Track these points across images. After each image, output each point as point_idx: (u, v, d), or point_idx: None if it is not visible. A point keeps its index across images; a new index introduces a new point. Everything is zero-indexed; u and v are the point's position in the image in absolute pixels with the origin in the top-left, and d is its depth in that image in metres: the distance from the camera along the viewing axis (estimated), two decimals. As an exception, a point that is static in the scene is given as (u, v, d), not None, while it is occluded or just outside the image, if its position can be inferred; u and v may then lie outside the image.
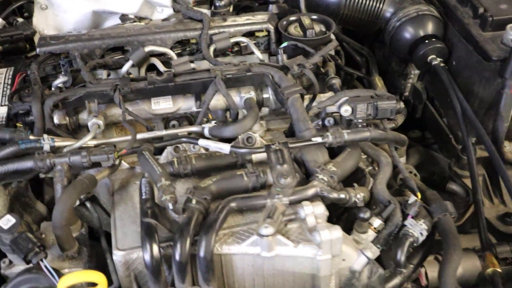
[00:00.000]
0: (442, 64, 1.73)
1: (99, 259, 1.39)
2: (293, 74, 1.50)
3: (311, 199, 1.27)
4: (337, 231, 1.16)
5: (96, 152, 1.31)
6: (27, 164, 1.30)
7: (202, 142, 1.36)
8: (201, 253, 1.15)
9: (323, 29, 1.66)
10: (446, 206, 1.34)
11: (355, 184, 1.37)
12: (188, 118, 1.57)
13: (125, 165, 1.43)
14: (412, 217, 1.31)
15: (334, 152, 1.40)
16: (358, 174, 1.46)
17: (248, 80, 1.49)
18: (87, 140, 1.39)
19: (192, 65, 1.53)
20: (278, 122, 1.65)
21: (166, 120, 1.56)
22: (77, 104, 1.45)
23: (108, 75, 1.58)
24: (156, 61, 1.55)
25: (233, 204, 1.23)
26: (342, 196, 1.30)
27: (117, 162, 1.33)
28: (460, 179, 1.81)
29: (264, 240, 1.17)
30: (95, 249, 1.39)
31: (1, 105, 1.58)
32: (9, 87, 1.62)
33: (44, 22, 1.79)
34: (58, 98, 1.41)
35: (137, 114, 1.46)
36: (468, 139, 1.59)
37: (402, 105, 1.44)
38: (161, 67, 1.53)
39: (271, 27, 1.68)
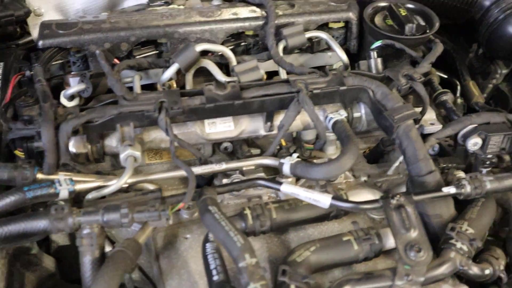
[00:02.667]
0: (557, 70, 1.38)
1: None
2: (400, 88, 1.11)
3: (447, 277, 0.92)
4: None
5: (142, 208, 0.91)
6: (39, 224, 0.89)
7: (287, 188, 0.97)
8: None
9: (421, 22, 1.26)
10: None
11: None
12: (246, 140, 1.17)
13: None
14: None
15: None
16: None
17: (340, 96, 1.09)
18: (123, 183, 0.98)
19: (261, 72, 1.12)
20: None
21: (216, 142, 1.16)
22: (105, 128, 1.02)
23: (140, 78, 1.15)
24: (210, 65, 1.13)
25: (347, 288, 0.87)
26: (487, 272, 0.95)
27: (170, 221, 0.93)
28: None
29: None
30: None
31: (-12, 119, 1.14)
32: (-2, 91, 1.18)
33: (42, -1, 1.33)
34: (80, 121, 0.98)
35: (187, 141, 1.05)
36: None
37: (547, 136, 1.07)
38: (219, 75, 1.11)
39: (353, 18, 1.27)
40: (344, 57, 1.22)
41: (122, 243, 0.89)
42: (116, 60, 1.16)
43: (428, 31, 1.24)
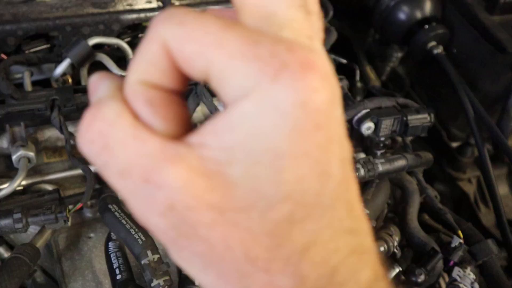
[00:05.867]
0: (443, 53, 1.47)
1: None
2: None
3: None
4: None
5: (36, 211, 0.87)
6: None
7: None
8: None
9: (317, 10, 1.29)
10: (490, 246, 1.11)
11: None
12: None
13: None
14: (455, 264, 1.06)
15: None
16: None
17: (239, 86, 1.10)
18: (16, 185, 0.94)
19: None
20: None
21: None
22: (-7, 129, 0.97)
23: (31, 75, 1.10)
24: (105, 59, 1.09)
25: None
26: (381, 249, 1.01)
27: (69, 223, 0.90)
28: (454, 182, 1.61)
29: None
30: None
31: None
32: None
33: None
34: (-38, 123, 0.92)
35: (85, 138, 1.02)
36: (484, 149, 1.35)
37: (433, 118, 1.15)
38: (115, 69, 1.08)
39: (251, 7, 1.28)
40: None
41: (17, 249, 0.86)
42: (3, 56, 1.09)
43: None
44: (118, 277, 0.85)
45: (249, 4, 0.31)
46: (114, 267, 0.87)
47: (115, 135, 0.30)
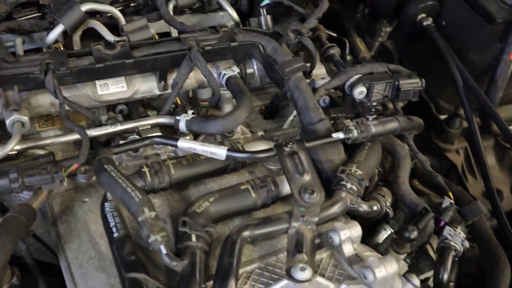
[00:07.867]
0: (433, 25, 1.48)
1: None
2: (289, 43, 1.14)
3: (339, 215, 0.99)
4: (393, 265, 0.88)
5: (32, 172, 0.87)
6: None
7: (183, 144, 0.98)
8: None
9: (308, -20, 1.31)
10: (480, 207, 1.12)
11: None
12: (142, 101, 1.16)
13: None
14: (446, 224, 1.08)
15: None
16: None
17: (231, 52, 1.11)
18: (10, 148, 0.94)
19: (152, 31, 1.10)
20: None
21: (111, 105, 1.14)
22: (-14, 93, 0.97)
23: (23, 42, 1.10)
24: (98, 25, 1.09)
25: (246, 234, 0.90)
26: (375, 208, 1.03)
27: (65, 183, 0.90)
28: (442, 153, 1.63)
29: (299, 286, 0.86)
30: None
31: None
32: None
33: None
34: (-43, 86, 0.92)
35: (78, 103, 1.02)
36: (473, 118, 1.37)
37: (424, 82, 1.17)
38: (108, 35, 1.08)
39: (242, -23, 1.29)
40: (235, 15, 1.24)
41: (14, 209, 0.86)
42: (-5, 23, 1.09)
43: (314, -12, 1.29)
44: (115, 235, 0.86)
45: None
46: (111, 225, 0.87)
47: None
